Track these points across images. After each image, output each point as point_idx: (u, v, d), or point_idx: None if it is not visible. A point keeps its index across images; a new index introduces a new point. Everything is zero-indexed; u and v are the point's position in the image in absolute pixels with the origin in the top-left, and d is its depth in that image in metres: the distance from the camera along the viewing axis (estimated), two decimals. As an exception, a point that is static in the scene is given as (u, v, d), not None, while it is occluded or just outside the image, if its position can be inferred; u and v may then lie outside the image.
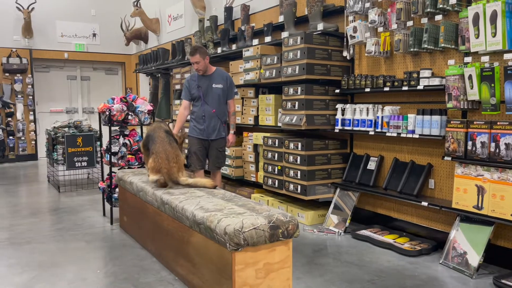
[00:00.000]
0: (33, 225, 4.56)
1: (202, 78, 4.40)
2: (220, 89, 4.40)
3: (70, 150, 6.24)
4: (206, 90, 4.37)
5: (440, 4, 3.39)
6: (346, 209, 4.31)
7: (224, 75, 4.48)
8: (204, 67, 4.34)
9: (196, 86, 4.38)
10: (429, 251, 3.61)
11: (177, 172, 3.48)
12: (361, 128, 4.16)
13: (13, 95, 9.46)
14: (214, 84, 4.38)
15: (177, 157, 3.53)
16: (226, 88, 4.43)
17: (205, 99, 4.37)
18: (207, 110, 4.37)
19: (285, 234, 2.57)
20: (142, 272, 3.25)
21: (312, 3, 4.59)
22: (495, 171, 3.09)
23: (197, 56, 4.26)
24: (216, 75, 4.42)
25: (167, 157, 3.51)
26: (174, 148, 3.60)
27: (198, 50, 4.30)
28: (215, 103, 4.38)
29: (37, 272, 3.27)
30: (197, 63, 4.30)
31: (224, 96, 4.44)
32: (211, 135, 4.40)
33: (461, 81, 3.25)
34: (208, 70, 4.40)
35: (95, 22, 10.40)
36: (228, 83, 4.46)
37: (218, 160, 4.52)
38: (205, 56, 4.32)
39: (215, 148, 4.45)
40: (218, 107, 4.39)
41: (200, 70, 4.33)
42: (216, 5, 7.06)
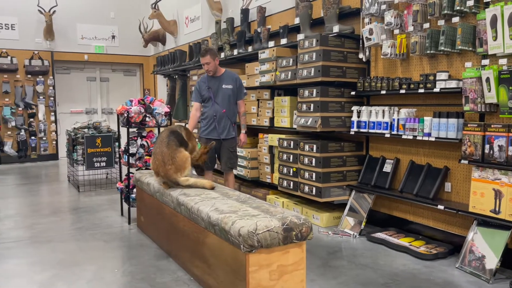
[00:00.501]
0: (53, 224, 4.68)
1: (212, 79, 4.54)
2: (230, 90, 4.53)
3: (89, 150, 6.37)
4: (216, 91, 4.51)
5: (457, 6, 3.36)
6: (362, 211, 4.30)
7: (233, 76, 4.61)
8: (214, 68, 4.48)
9: (206, 87, 4.52)
10: (445, 255, 3.58)
11: (174, 173, 3.49)
12: (377, 130, 4.14)
13: (35, 96, 9.69)
14: (224, 84, 4.51)
15: (173, 158, 3.50)
16: (235, 88, 4.57)
17: (215, 99, 4.50)
18: (218, 110, 4.49)
19: (298, 237, 2.59)
20: (159, 272, 3.32)
21: (328, 5, 4.59)
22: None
23: (207, 57, 4.40)
24: (225, 76, 4.56)
25: (163, 159, 3.54)
26: (171, 149, 3.55)
27: (209, 51, 4.44)
28: (226, 103, 4.51)
29: (56, 270, 3.36)
30: (207, 64, 4.43)
31: (234, 97, 4.57)
32: (222, 134, 4.51)
33: (478, 83, 3.22)
34: (217, 72, 4.55)
35: (114, 24, 10.58)
36: (238, 84, 4.59)
37: (230, 161, 4.62)
38: (215, 57, 4.46)
39: (226, 148, 4.56)
40: (228, 107, 4.52)
41: (211, 71, 4.47)
42: (233, 7, 7.11)
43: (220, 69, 4.58)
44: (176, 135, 3.72)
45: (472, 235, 3.34)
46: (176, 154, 3.53)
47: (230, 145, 4.59)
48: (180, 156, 3.55)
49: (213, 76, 4.54)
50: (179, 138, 3.72)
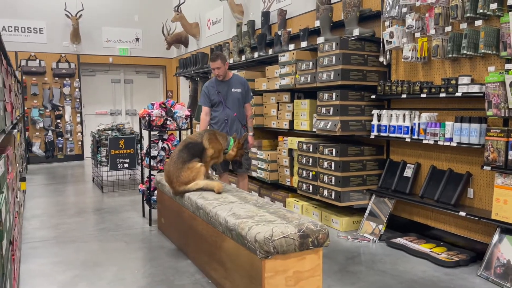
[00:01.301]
0: (77, 224, 4.81)
1: (221, 83, 4.63)
2: (239, 93, 4.64)
3: (113, 152, 6.51)
4: (226, 95, 4.60)
5: (480, 9, 3.29)
6: (382, 216, 4.26)
7: (241, 80, 4.74)
8: (224, 73, 4.58)
9: (216, 92, 4.59)
10: (467, 262, 3.51)
11: (180, 187, 3.70)
12: (398, 134, 4.09)
13: (62, 98, 9.96)
14: (233, 88, 4.62)
15: (177, 177, 3.69)
16: (244, 92, 4.67)
17: (226, 103, 4.59)
18: (229, 114, 4.59)
19: (315, 243, 2.59)
20: (177, 274, 3.37)
21: (348, 8, 4.56)
22: (537, 182, 2.97)
23: (218, 62, 4.50)
24: (234, 80, 4.67)
25: (170, 177, 3.75)
26: (177, 167, 3.70)
27: (219, 56, 4.54)
28: (236, 107, 4.62)
29: (79, 271, 3.46)
30: (218, 69, 4.52)
31: (243, 100, 4.68)
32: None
33: (502, 88, 3.14)
34: (226, 76, 4.64)
35: (138, 27, 10.76)
36: (246, 88, 4.71)
37: (246, 162, 4.72)
38: (225, 62, 4.58)
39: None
40: (238, 111, 4.64)
41: (221, 75, 4.57)
42: (254, 9, 7.14)
43: (228, 73, 4.68)
44: (191, 148, 3.79)
45: (495, 242, 3.27)
46: (181, 174, 3.69)
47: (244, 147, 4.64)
48: (186, 175, 3.68)
49: (222, 81, 4.62)
50: (192, 150, 3.78)
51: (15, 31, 9.60)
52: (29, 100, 9.62)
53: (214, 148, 3.92)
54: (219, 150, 3.99)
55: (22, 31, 9.66)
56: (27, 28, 9.68)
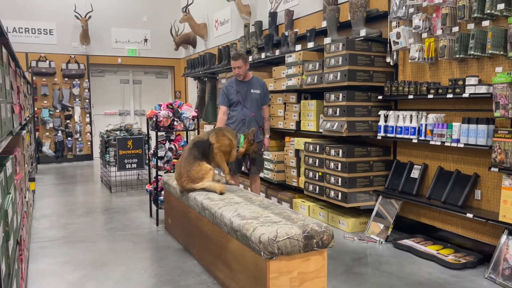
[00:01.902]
0: (86, 224, 4.86)
1: (241, 83, 4.64)
2: (258, 94, 4.64)
3: (121, 152, 6.56)
4: (245, 95, 4.61)
5: (488, 10, 3.26)
6: (389, 217, 4.24)
7: (260, 82, 4.76)
8: (245, 73, 4.60)
9: (235, 91, 4.60)
10: (474, 264, 3.48)
11: (188, 184, 3.77)
12: (404, 135, 4.08)
13: (72, 99, 10.06)
14: (252, 89, 4.63)
15: (188, 172, 3.76)
16: (262, 94, 4.69)
17: (244, 103, 4.60)
18: (247, 114, 4.59)
19: (319, 244, 2.60)
20: (183, 274, 3.39)
21: (355, 9, 4.55)
22: (545, 184, 2.94)
23: (240, 61, 4.52)
24: (254, 81, 4.69)
25: (180, 171, 3.82)
26: (188, 163, 3.77)
27: (241, 55, 4.56)
28: (254, 108, 4.62)
29: (88, 270, 3.50)
30: (239, 68, 4.54)
31: (261, 102, 4.69)
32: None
33: (509, 89, 3.12)
34: (247, 76, 4.66)
35: (146, 28, 10.83)
36: (264, 90, 4.73)
37: (260, 164, 4.77)
38: (246, 62, 4.60)
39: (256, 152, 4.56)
40: (256, 112, 4.64)
41: (241, 75, 4.58)
42: (261, 10, 7.15)
43: (248, 74, 4.69)
44: (200, 147, 3.86)
45: (503, 244, 3.24)
46: (192, 168, 3.76)
47: (259, 148, 4.64)
48: (196, 170, 3.75)
49: (242, 81, 4.64)
50: (201, 150, 3.84)
51: (26, 33, 9.71)
52: (39, 100, 9.73)
53: (220, 142, 3.94)
54: (227, 145, 3.98)
55: (33, 32, 9.77)
56: (37, 29, 9.79)
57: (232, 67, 4.62)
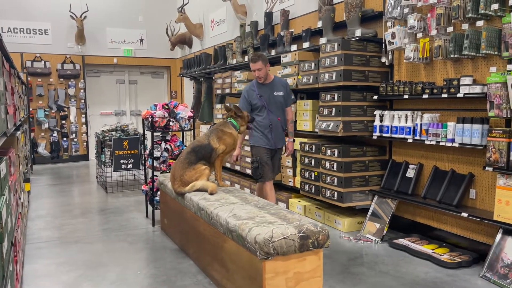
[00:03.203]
0: (82, 224, 4.85)
1: (262, 86, 4.35)
2: (281, 97, 4.37)
3: (117, 152, 6.55)
4: (268, 99, 4.32)
5: (482, 10, 3.28)
6: (384, 216, 4.25)
7: (283, 82, 4.48)
8: (265, 75, 4.31)
9: (258, 95, 4.31)
10: (469, 264, 3.50)
11: (179, 188, 3.79)
12: (400, 135, 4.09)
13: (67, 99, 10.03)
14: (275, 91, 4.34)
15: (181, 176, 3.79)
16: (285, 95, 4.40)
17: (269, 107, 4.31)
18: (273, 119, 4.33)
19: (315, 244, 2.60)
20: (180, 274, 3.39)
21: (350, 9, 4.56)
22: (539, 183, 2.96)
23: (259, 63, 4.22)
24: (276, 82, 4.39)
25: (174, 175, 3.85)
26: (182, 168, 3.79)
27: (260, 57, 4.25)
28: (279, 111, 4.37)
29: (83, 271, 3.49)
30: (258, 70, 4.24)
31: (284, 103, 4.41)
32: (278, 144, 4.42)
33: (503, 89, 3.13)
34: (268, 78, 4.37)
35: (142, 28, 10.81)
36: (287, 90, 4.43)
37: (279, 168, 4.67)
38: (267, 63, 4.29)
39: (277, 157, 4.52)
40: (282, 115, 4.40)
41: (261, 77, 4.29)
42: (257, 10, 7.15)
43: (270, 76, 4.40)
44: (198, 151, 3.83)
45: (498, 243, 3.26)
46: (185, 173, 3.78)
47: (281, 153, 4.57)
48: (189, 175, 3.76)
49: (263, 83, 4.35)
50: (201, 155, 3.81)
51: (21, 33, 9.67)
52: (35, 101, 9.69)
53: (225, 143, 3.90)
54: (231, 143, 3.95)
55: (28, 32, 9.73)
56: (32, 29, 9.75)
57: (251, 69, 4.30)
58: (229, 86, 6.93)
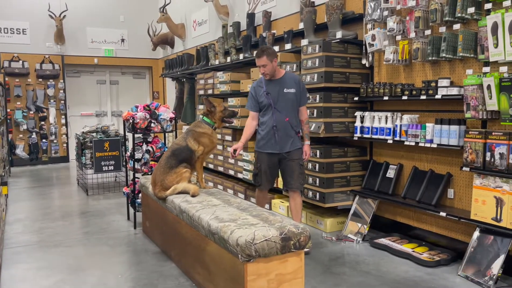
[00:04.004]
0: (62, 228, 4.77)
1: (271, 83, 3.89)
2: (293, 94, 3.87)
3: (97, 154, 6.47)
4: (276, 96, 3.85)
5: (459, 13, 3.35)
6: (365, 216, 4.30)
7: (295, 79, 3.94)
8: (272, 71, 3.83)
9: (265, 93, 3.87)
10: (447, 262, 3.57)
11: (159, 192, 3.77)
12: (380, 136, 4.15)
13: (46, 100, 9.85)
14: (285, 88, 3.86)
15: (162, 181, 3.76)
16: (298, 93, 3.90)
17: (276, 106, 3.85)
18: (279, 119, 3.84)
19: (297, 246, 2.62)
20: (162, 278, 3.37)
21: (331, 11, 4.60)
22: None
23: (263, 58, 3.76)
24: (287, 78, 3.90)
25: (155, 180, 3.82)
26: (163, 172, 3.77)
27: (265, 51, 3.77)
28: (289, 111, 3.87)
29: (63, 275, 3.44)
30: (263, 67, 3.79)
31: (297, 102, 3.91)
32: (285, 147, 3.87)
33: (479, 91, 3.21)
34: (276, 74, 3.90)
35: (123, 28, 10.69)
36: (301, 87, 3.93)
37: (301, 177, 3.93)
38: (273, 58, 3.79)
39: (294, 162, 3.89)
40: (292, 115, 3.89)
41: (267, 74, 3.83)
42: (239, 11, 7.15)
43: (279, 71, 3.92)
44: (177, 154, 3.80)
45: (475, 241, 3.33)
46: (166, 178, 3.75)
47: (299, 157, 3.92)
48: (170, 179, 3.74)
49: (272, 80, 3.89)
50: (181, 158, 3.79)
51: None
52: (12, 102, 9.49)
53: (203, 144, 3.84)
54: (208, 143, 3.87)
55: (5, 32, 9.52)
56: (9, 29, 9.55)
57: (257, 65, 3.87)
58: (212, 87, 6.91)
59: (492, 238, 3.22)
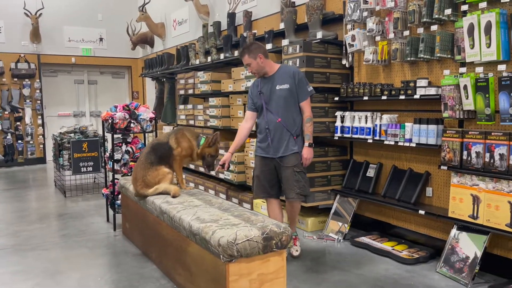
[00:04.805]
0: (38, 231, 4.66)
1: (264, 81, 3.59)
2: (285, 91, 3.48)
3: (76, 155, 6.34)
4: (268, 95, 3.53)
5: (436, 14, 3.41)
6: (346, 215, 4.34)
7: (290, 72, 3.53)
8: (259, 69, 3.52)
9: (258, 92, 3.59)
10: (426, 259, 3.63)
11: (142, 189, 3.71)
12: (360, 135, 4.19)
13: (22, 100, 9.62)
14: (277, 85, 3.50)
15: (143, 177, 3.70)
16: (294, 87, 3.49)
17: (268, 106, 3.53)
18: (271, 120, 3.53)
19: (278, 245, 2.62)
20: (142, 280, 3.32)
21: (311, 11, 4.62)
22: (490, 181, 3.11)
23: (245, 57, 3.49)
24: (280, 73, 3.54)
25: (136, 176, 3.75)
26: (144, 168, 3.70)
27: (246, 49, 3.50)
28: (281, 110, 3.51)
29: (40, 279, 3.36)
30: (249, 66, 3.53)
31: (293, 99, 3.50)
32: (278, 152, 3.54)
33: (456, 91, 3.27)
34: (269, 70, 3.56)
35: (101, 27, 10.53)
36: (297, 80, 3.48)
37: (296, 185, 3.52)
38: (257, 54, 3.46)
39: (289, 169, 3.53)
40: (284, 115, 3.51)
41: (255, 73, 3.57)
42: (219, 10, 7.12)
43: (272, 67, 3.56)
44: (158, 150, 3.76)
45: (452, 238, 3.39)
46: (147, 173, 3.70)
47: (294, 164, 3.52)
48: (153, 175, 3.69)
49: (266, 77, 3.58)
50: (159, 153, 3.74)
51: (-29, 30, 9.21)
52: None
53: (181, 145, 3.78)
54: (187, 147, 3.80)
55: (-22, 30, 9.28)
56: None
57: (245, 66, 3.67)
58: (192, 86, 6.86)
59: (469, 235, 3.29)
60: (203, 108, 6.42)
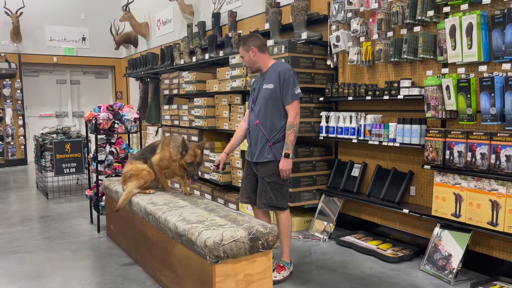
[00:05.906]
0: (20, 233, 4.57)
1: (259, 77, 3.35)
2: (269, 91, 3.17)
3: (58, 156, 6.24)
4: (256, 94, 3.29)
5: (419, 16, 3.45)
6: (331, 215, 4.37)
7: (277, 70, 3.18)
8: (251, 63, 3.26)
9: (253, 89, 3.39)
10: (410, 257, 3.68)
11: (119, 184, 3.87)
12: (345, 135, 4.22)
13: (2, 100, 9.43)
14: (265, 84, 3.22)
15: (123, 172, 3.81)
16: (278, 88, 3.15)
17: (253, 105, 3.30)
18: (252, 121, 3.29)
19: (265, 246, 2.62)
20: (127, 281, 3.29)
21: (296, 12, 4.64)
22: (471, 180, 3.16)
23: (240, 49, 3.29)
24: (270, 71, 3.24)
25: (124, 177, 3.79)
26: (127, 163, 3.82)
27: (241, 40, 3.30)
28: (261, 111, 3.21)
29: (22, 282, 3.30)
30: (242, 58, 3.32)
31: (275, 101, 3.17)
32: (254, 156, 3.29)
33: (439, 91, 3.32)
34: (262, 67, 3.28)
35: (84, 26, 10.39)
36: (282, 80, 3.13)
37: (264, 195, 3.24)
38: (250, 47, 3.21)
39: (260, 177, 3.28)
40: (263, 117, 3.20)
41: (248, 67, 3.34)
42: (204, 10, 7.10)
43: (265, 63, 3.27)
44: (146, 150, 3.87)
45: (436, 237, 3.45)
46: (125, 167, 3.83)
47: (265, 173, 3.22)
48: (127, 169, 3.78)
49: (261, 74, 3.32)
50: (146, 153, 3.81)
51: None
52: (-35, 102, 9.04)
53: (160, 154, 3.66)
54: (166, 158, 3.62)
55: (-44, 28, 9.06)
56: (-39, 25, 9.09)
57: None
58: (177, 86, 6.82)
59: (452, 233, 3.34)
60: (188, 108, 6.38)
